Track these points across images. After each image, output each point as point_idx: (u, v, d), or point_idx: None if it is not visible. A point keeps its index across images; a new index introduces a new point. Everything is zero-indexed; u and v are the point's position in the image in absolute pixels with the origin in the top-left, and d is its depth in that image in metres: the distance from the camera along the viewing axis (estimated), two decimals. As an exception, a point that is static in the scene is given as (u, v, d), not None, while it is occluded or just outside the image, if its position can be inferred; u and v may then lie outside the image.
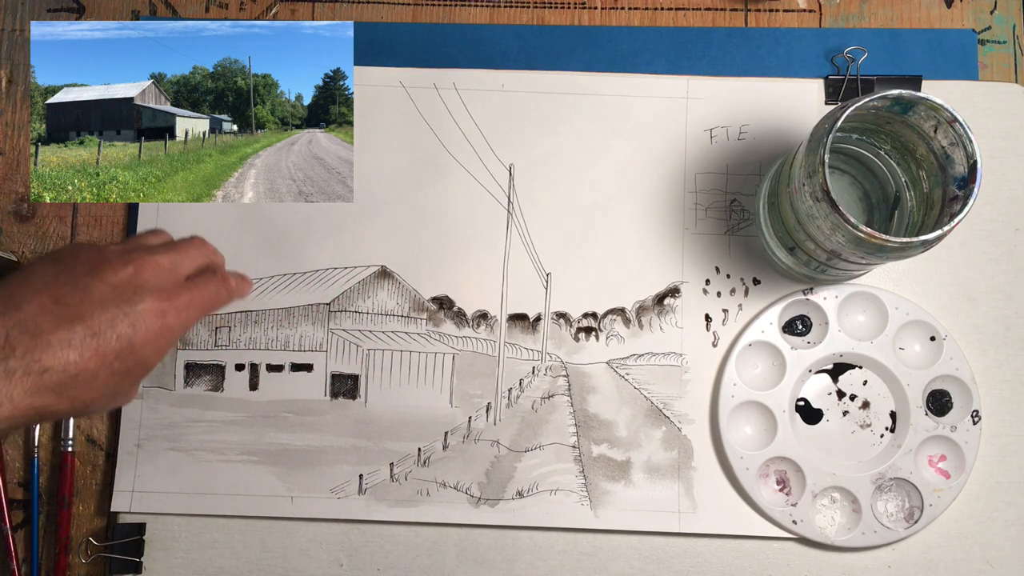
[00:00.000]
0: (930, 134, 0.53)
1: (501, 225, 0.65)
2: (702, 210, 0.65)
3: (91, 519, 0.62)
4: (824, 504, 0.61)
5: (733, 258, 0.64)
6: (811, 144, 0.52)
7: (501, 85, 0.66)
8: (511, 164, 0.65)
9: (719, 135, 0.65)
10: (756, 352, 0.63)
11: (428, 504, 0.62)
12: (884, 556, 0.61)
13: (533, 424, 0.63)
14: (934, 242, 0.51)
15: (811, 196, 0.52)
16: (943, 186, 0.54)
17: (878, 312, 0.62)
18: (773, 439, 0.61)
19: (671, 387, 0.63)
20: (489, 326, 0.64)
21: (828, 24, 0.67)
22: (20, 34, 0.68)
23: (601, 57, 0.67)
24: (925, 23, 0.67)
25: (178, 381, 0.64)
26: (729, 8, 0.68)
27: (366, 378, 0.64)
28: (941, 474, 0.61)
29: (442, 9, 0.68)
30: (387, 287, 0.64)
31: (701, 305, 0.64)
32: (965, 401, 0.61)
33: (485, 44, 0.67)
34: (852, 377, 0.63)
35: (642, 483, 0.62)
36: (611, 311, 0.64)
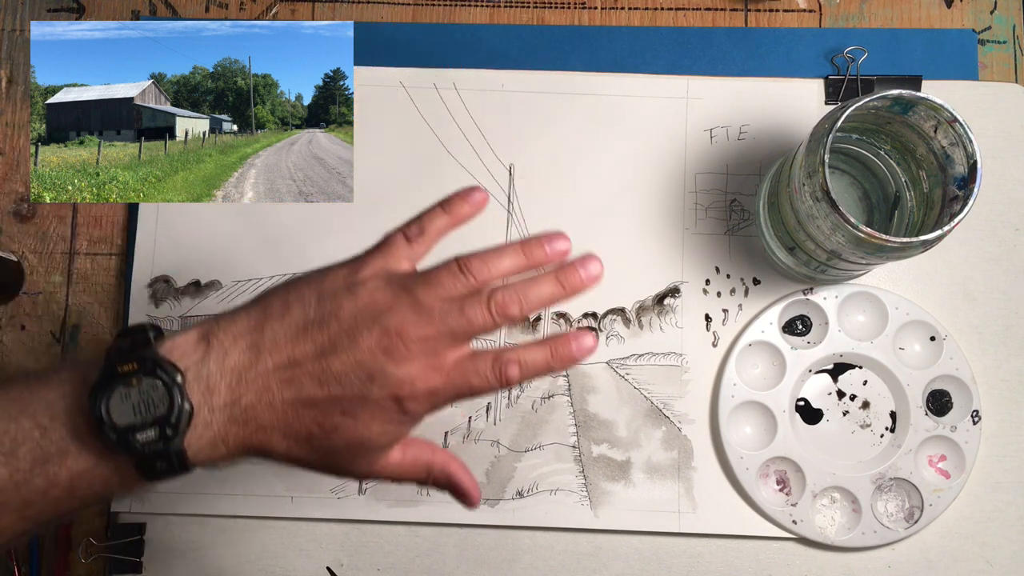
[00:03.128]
0: (930, 134, 0.53)
1: (501, 225, 0.65)
2: (702, 210, 0.65)
3: (91, 519, 0.62)
4: (824, 504, 0.61)
5: (733, 258, 0.64)
6: (811, 144, 0.52)
7: (501, 85, 0.66)
8: (511, 164, 0.65)
9: (719, 135, 0.65)
10: (756, 352, 0.63)
11: (428, 504, 0.62)
12: (884, 556, 0.61)
13: (533, 424, 0.63)
14: (934, 242, 0.51)
15: (811, 196, 0.52)
16: (943, 186, 0.54)
17: (878, 312, 0.62)
18: (773, 439, 0.61)
19: (671, 387, 0.63)
20: (489, 326, 0.64)
21: (828, 24, 0.67)
22: (20, 34, 0.68)
23: (601, 57, 0.67)
24: (925, 23, 0.67)
25: (178, 381, 0.64)
26: (729, 8, 0.68)
27: (366, 378, 0.64)
28: (941, 474, 0.61)
29: (442, 9, 0.68)
30: (387, 287, 0.64)
31: (701, 305, 0.64)
32: (965, 401, 0.61)
33: (485, 44, 0.67)
34: (852, 377, 0.63)
35: (642, 483, 0.62)
36: (611, 311, 0.64)
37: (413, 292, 0.42)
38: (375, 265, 0.43)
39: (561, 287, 0.44)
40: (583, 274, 0.44)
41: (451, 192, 0.47)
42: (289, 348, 0.40)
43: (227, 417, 0.40)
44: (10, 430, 0.39)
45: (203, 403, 0.39)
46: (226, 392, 0.40)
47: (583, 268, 0.44)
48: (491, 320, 0.42)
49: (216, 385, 0.40)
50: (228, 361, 0.40)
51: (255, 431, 0.40)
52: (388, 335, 0.40)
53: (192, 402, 0.39)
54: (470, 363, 0.42)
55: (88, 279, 0.65)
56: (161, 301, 0.64)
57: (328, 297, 0.41)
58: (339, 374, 0.40)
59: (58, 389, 0.40)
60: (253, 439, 0.41)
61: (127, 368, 0.39)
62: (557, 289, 0.44)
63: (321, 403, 0.40)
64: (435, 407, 0.42)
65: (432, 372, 0.41)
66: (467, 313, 0.42)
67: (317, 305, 0.41)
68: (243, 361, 0.40)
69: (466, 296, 0.42)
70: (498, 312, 0.42)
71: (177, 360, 0.40)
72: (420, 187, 0.65)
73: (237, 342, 0.41)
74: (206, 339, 0.41)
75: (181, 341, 0.41)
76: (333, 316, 0.41)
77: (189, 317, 0.64)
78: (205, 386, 0.40)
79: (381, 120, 0.66)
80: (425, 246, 0.46)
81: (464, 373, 0.42)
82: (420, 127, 0.66)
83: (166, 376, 0.39)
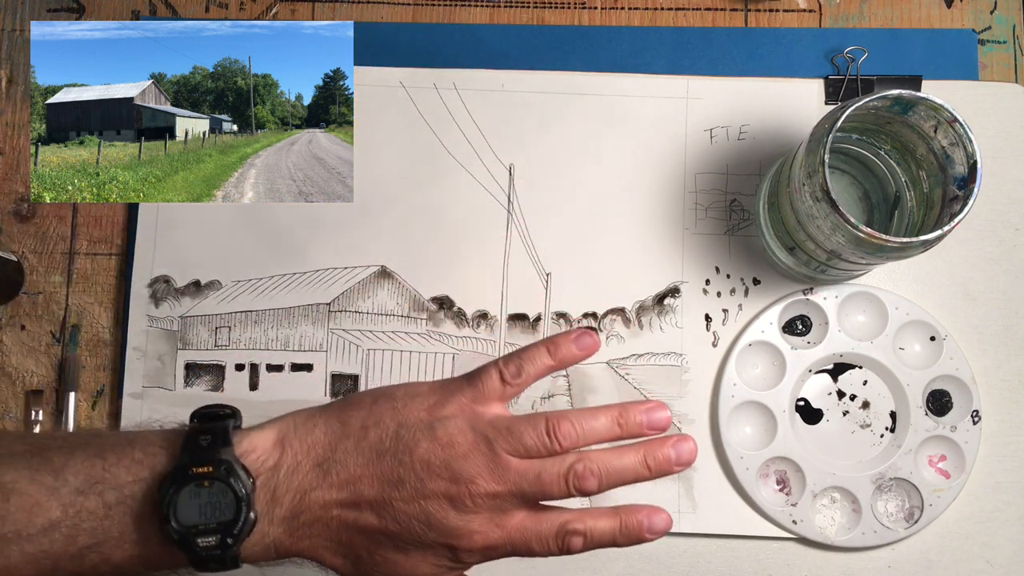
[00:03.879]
0: (930, 134, 0.53)
1: (501, 225, 0.65)
2: (702, 210, 0.65)
3: (91, 519, 0.62)
4: (824, 504, 0.61)
5: (733, 258, 0.64)
6: (811, 144, 0.52)
7: (501, 85, 0.66)
8: (511, 164, 0.65)
9: (719, 135, 0.65)
10: (756, 352, 0.63)
11: (428, 504, 0.62)
12: (884, 556, 0.61)
13: (533, 424, 0.63)
14: (934, 242, 0.51)
15: (811, 196, 0.52)
16: (943, 186, 0.54)
17: (878, 312, 0.62)
18: (773, 439, 0.61)
19: (671, 387, 0.63)
20: (489, 326, 0.64)
21: (828, 24, 0.67)
22: (20, 34, 0.68)
23: (601, 57, 0.67)
24: (925, 23, 0.67)
25: (178, 381, 0.64)
26: (729, 8, 0.68)
27: (366, 378, 0.64)
28: (941, 474, 0.61)
29: (442, 9, 0.68)
30: (387, 287, 0.64)
31: (701, 305, 0.64)
32: (965, 401, 0.61)
33: (485, 44, 0.67)
34: (852, 377, 0.63)
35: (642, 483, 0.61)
36: (611, 311, 0.64)
37: (493, 445, 0.41)
38: (461, 402, 0.42)
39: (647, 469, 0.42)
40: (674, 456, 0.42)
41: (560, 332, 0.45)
42: (356, 481, 0.41)
43: (285, 530, 0.41)
44: (75, 503, 0.39)
45: (265, 513, 0.40)
46: (288, 507, 0.40)
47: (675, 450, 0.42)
48: (566, 492, 0.41)
49: (282, 498, 0.40)
50: (296, 477, 0.41)
51: (308, 544, 0.41)
52: (458, 484, 0.40)
53: (256, 511, 0.40)
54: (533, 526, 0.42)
55: (88, 279, 0.65)
56: (161, 301, 0.64)
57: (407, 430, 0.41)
58: (400, 512, 0.40)
59: (128, 471, 0.40)
60: (304, 549, 0.41)
61: (202, 471, 0.39)
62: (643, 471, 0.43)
63: (376, 534, 0.41)
64: (488, 559, 0.42)
65: (494, 528, 0.41)
66: (543, 480, 0.41)
67: (395, 436, 0.41)
68: (311, 480, 0.41)
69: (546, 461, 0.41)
70: (575, 487, 0.41)
71: (250, 465, 0.40)
72: (420, 187, 0.65)
73: (309, 455, 0.41)
74: (281, 445, 0.41)
75: (260, 442, 0.41)
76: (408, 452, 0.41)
77: (189, 317, 0.64)
78: (271, 496, 0.40)
79: (381, 120, 0.66)
80: (520, 389, 0.44)
81: (525, 536, 0.42)
82: (420, 127, 0.66)
83: (239, 486, 0.39)
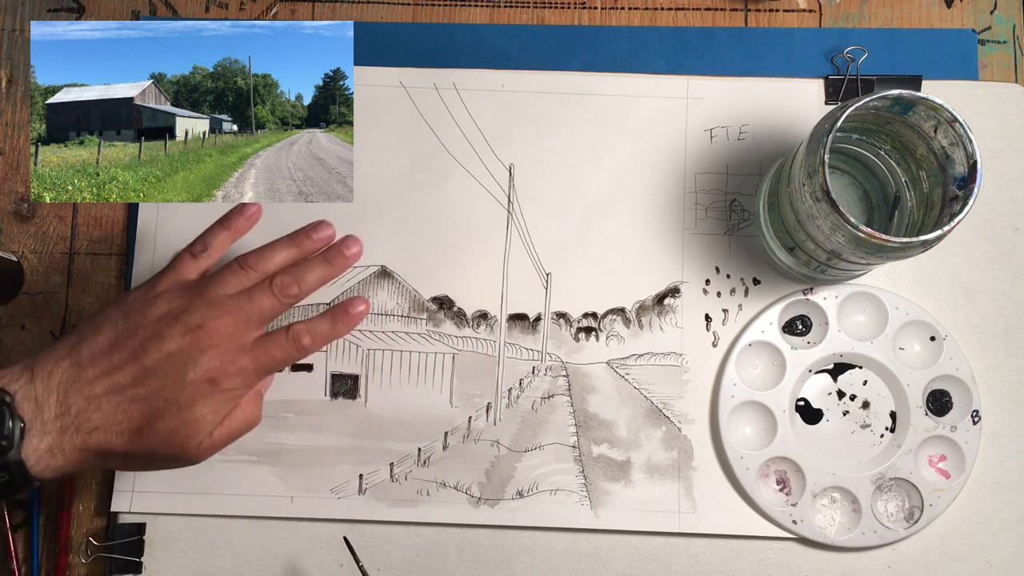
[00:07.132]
0: (930, 134, 0.53)
1: (501, 225, 0.65)
2: (702, 210, 0.65)
3: (91, 519, 0.62)
4: (824, 504, 0.61)
5: (733, 258, 0.64)
6: (811, 144, 0.52)
7: (501, 85, 0.66)
8: (511, 164, 0.65)
9: (719, 135, 0.65)
10: (756, 352, 0.63)
11: (428, 504, 0.62)
12: (884, 556, 0.61)
13: (533, 424, 0.63)
14: (934, 242, 0.51)
15: (811, 196, 0.52)
16: (943, 186, 0.54)
17: (878, 312, 0.62)
18: (773, 439, 0.61)
19: (671, 387, 0.63)
20: (489, 326, 0.64)
21: (828, 24, 0.67)
22: (20, 34, 0.68)
23: (601, 57, 0.67)
24: (925, 23, 0.67)
25: (178, 381, 0.64)
26: (729, 8, 0.68)
27: (366, 378, 0.64)
28: (941, 474, 0.61)
29: (442, 9, 0.68)
30: (387, 287, 0.64)
31: (701, 305, 0.64)
32: (965, 401, 0.61)
33: (485, 44, 0.67)
34: (852, 377, 0.63)
35: (642, 483, 0.62)
36: (611, 311, 0.64)
37: (205, 293, 0.49)
38: (168, 280, 0.50)
39: (330, 266, 0.52)
40: (346, 252, 0.52)
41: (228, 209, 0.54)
42: (106, 358, 0.47)
43: (60, 427, 0.45)
44: None
45: (35, 418, 0.45)
46: (55, 406, 0.45)
47: (345, 248, 0.52)
48: (277, 301, 0.49)
49: (45, 401, 0.45)
50: (53, 380, 0.46)
51: (90, 434, 0.46)
52: (191, 330, 0.47)
53: (24, 419, 0.44)
54: (268, 340, 0.49)
55: (88, 279, 0.65)
56: (161, 301, 0.64)
57: (132, 312, 0.48)
58: (154, 368, 0.46)
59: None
60: (90, 442, 0.46)
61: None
62: (327, 269, 0.51)
63: (143, 396, 0.46)
64: (249, 383, 0.49)
65: (237, 353, 0.48)
66: (255, 299, 0.49)
67: (123, 320, 0.48)
68: (67, 377, 0.46)
69: (253, 287, 0.49)
70: (280, 293, 0.49)
71: (5, 386, 0.45)
72: (420, 187, 0.65)
73: (59, 364, 0.46)
74: (30, 368, 0.46)
75: (5, 372, 0.46)
76: (139, 325, 0.47)
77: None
78: (35, 404, 0.45)
79: (381, 120, 0.66)
80: (210, 260, 0.52)
81: (266, 348, 0.49)
82: (420, 127, 0.66)
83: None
